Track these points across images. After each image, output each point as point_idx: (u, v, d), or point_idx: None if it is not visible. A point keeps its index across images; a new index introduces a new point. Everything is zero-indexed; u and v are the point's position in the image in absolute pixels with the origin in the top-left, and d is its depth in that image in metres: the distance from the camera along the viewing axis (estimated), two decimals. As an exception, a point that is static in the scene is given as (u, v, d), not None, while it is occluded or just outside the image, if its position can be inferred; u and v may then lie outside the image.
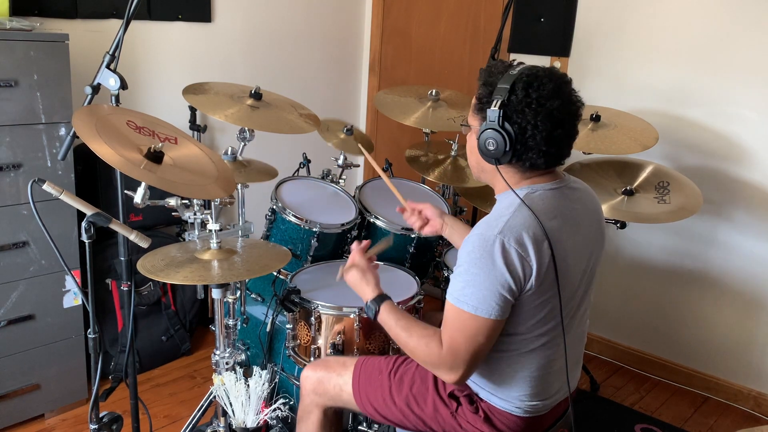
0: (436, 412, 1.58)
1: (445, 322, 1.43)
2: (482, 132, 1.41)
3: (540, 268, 1.36)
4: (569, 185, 1.50)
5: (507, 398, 1.51)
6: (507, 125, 1.37)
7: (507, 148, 1.38)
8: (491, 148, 1.40)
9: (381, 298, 1.61)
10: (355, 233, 2.34)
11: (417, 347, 1.47)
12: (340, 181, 2.57)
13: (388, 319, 1.56)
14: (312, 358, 2.00)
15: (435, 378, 1.60)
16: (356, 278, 1.69)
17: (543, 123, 1.35)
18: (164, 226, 2.93)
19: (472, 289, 1.36)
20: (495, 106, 1.37)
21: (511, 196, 1.43)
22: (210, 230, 1.81)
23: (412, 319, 1.54)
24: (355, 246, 1.77)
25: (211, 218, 1.82)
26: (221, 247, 1.79)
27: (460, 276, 1.39)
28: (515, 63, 1.44)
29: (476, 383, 1.55)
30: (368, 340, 1.97)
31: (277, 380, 2.17)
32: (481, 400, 1.55)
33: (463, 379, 1.42)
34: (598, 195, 1.64)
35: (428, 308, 2.10)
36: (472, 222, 2.88)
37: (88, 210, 1.49)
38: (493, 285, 1.34)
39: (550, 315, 1.43)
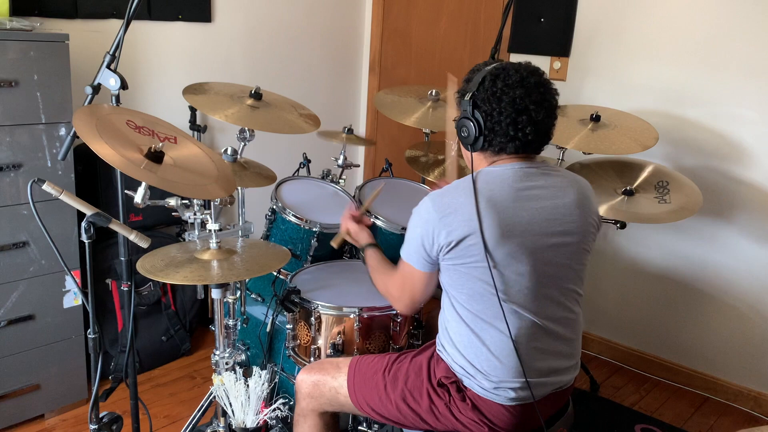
0: (432, 405, 1.59)
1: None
2: (458, 121, 1.57)
3: (462, 230, 1.46)
4: (540, 168, 1.56)
5: (482, 381, 1.52)
6: (476, 113, 1.52)
7: (477, 134, 1.53)
8: (464, 134, 1.56)
9: (370, 245, 1.86)
10: (355, 233, 2.33)
11: (382, 280, 1.77)
12: (340, 181, 2.57)
13: (371, 258, 1.82)
14: (312, 359, 2.00)
15: (428, 370, 1.62)
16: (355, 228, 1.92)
17: (506, 109, 1.49)
18: (164, 226, 2.93)
19: (407, 243, 1.59)
20: (467, 98, 1.53)
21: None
22: (210, 230, 1.81)
23: (387, 264, 1.79)
24: (348, 211, 1.95)
25: (211, 218, 1.82)
26: (221, 247, 1.79)
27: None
28: (498, 61, 1.59)
29: (456, 363, 1.56)
30: (368, 340, 1.97)
31: (277, 380, 2.17)
32: (466, 388, 1.56)
33: (407, 311, 1.71)
34: (598, 195, 1.65)
35: (428, 308, 2.10)
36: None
37: (88, 210, 1.49)
38: (417, 239, 1.54)
39: (490, 287, 1.48)
